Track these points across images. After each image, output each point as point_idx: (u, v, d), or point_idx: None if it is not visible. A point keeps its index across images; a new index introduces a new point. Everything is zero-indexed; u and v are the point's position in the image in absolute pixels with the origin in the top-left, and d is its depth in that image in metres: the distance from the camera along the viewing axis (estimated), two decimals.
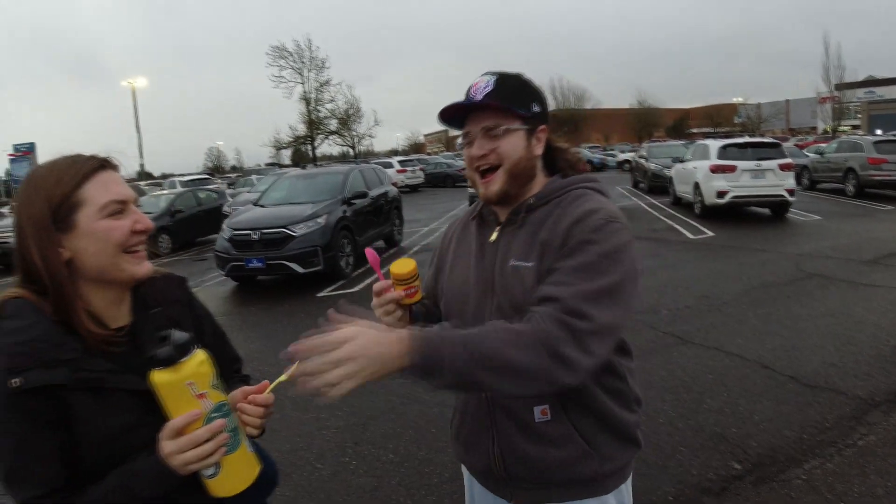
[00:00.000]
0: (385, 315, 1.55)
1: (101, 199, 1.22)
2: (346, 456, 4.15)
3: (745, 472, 3.63)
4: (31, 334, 1.15)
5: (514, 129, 1.48)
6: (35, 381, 1.11)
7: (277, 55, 48.43)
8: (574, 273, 1.33)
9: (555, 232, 1.42)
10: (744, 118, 77.38)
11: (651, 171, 21.39)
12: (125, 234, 1.24)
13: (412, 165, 34.66)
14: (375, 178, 12.96)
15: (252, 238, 9.59)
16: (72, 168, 1.23)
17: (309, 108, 49.76)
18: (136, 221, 1.26)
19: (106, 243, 1.22)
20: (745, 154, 13.67)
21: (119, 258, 1.24)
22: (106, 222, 1.22)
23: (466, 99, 1.49)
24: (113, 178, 1.26)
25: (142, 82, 46.37)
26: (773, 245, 10.65)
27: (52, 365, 1.13)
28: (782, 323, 6.37)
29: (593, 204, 1.44)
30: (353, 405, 4.92)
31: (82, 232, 1.21)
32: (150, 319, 1.33)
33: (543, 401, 1.47)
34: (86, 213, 1.21)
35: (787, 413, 4.33)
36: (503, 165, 1.48)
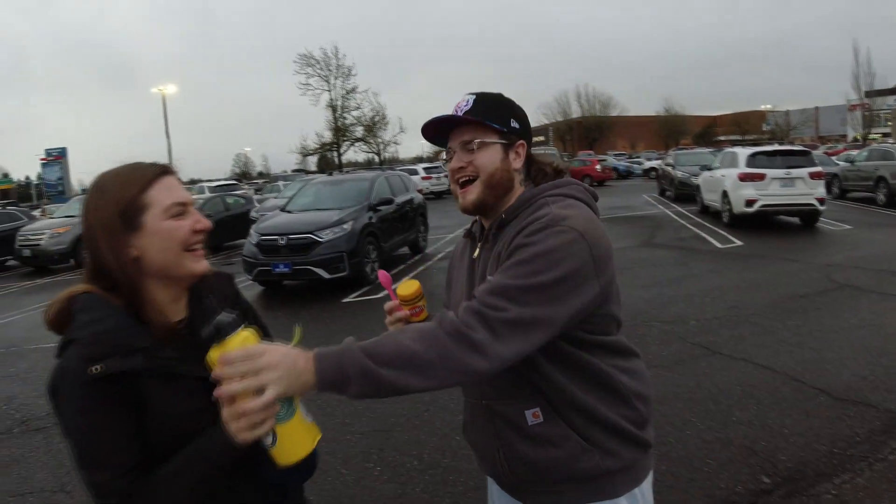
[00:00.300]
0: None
1: (165, 201, 1.32)
2: (371, 462, 4.18)
3: (774, 486, 3.58)
4: (106, 325, 1.25)
5: (489, 143, 1.56)
6: (113, 367, 1.20)
7: (304, 63, 49.08)
8: (503, 272, 1.37)
9: (507, 243, 1.48)
10: (772, 125, 76.49)
11: (678, 178, 21.22)
12: (187, 233, 1.34)
13: (437, 172, 34.67)
14: (401, 184, 13.03)
15: (279, 243, 9.71)
16: (136, 173, 1.33)
17: (335, 115, 50.26)
18: (196, 221, 1.36)
19: (170, 241, 1.32)
20: (774, 162, 13.49)
21: (181, 256, 1.33)
22: (170, 223, 1.32)
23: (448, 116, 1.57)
24: (174, 183, 1.36)
25: (172, 89, 47.19)
26: (803, 255, 10.50)
27: (128, 353, 1.23)
28: (812, 335, 6.26)
29: (543, 210, 1.47)
30: (377, 411, 4.95)
31: (149, 231, 1.31)
32: (205, 313, 1.40)
33: (531, 404, 1.51)
34: (152, 214, 1.31)
35: (817, 426, 4.26)
36: (480, 177, 1.56)
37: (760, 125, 79.93)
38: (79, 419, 1.21)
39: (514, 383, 1.51)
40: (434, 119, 1.58)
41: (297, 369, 1.20)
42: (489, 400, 1.58)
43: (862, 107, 56.82)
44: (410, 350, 1.26)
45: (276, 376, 1.17)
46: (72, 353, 1.22)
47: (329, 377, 1.22)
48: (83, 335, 1.22)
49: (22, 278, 15.53)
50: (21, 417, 5.60)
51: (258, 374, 1.16)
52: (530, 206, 1.55)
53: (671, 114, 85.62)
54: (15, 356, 7.84)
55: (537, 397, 1.50)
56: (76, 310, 1.27)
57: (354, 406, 5.04)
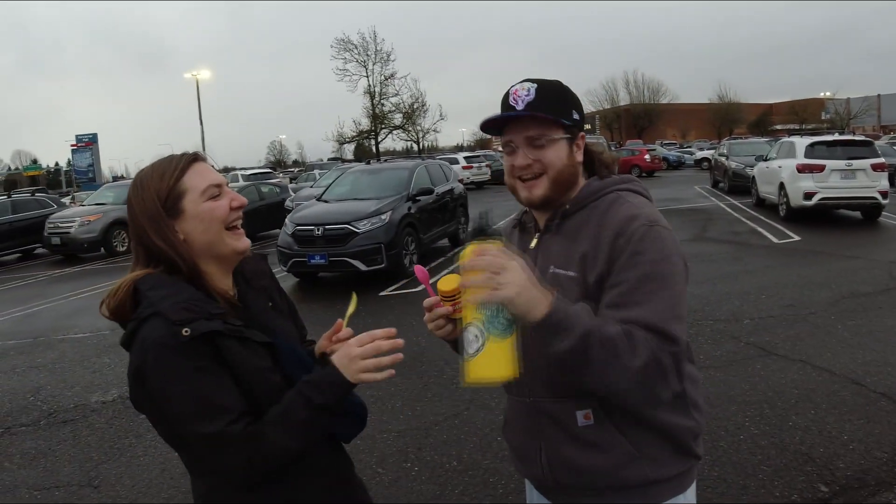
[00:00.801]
0: (436, 329, 1.59)
1: (201, 185, 1.44)
2: (409, 461, 4.18)
3: (831, 494, 3.49)
4: (183, 296, 1.36)
5: (557, 139, 1.53)
6: (201, 328, 1.31)
7: (342, 48, 49.12)
8: (640, 290, 1.39)
9: (596, 243, 1.47)
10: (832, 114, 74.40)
11: (732, 169, 20.82)
12: (226, 211, 1.45)
13: (478, 162, 34.62)
14: (441, 174, 13.02)
15: (315, 234, 9.78)
16: (171, 164, 1.45)
17: (373, 101, 50.26)
18: (232, 199, 1.47)
19: (211, 221, 1.44)
20: (834, 153, 13.11)
21: (223, 234, 1.45)
22: (208, 203, 1.44)
23: (506, 107, 1.55)
24: (206, 168, 1.48)
25: (206, 74, 48.00)
26: (865, 251, 10.22)
27: (209, 317, 1.35)
28: (874, 335, 6.09)
29: (630, 209, 1.49)
30: (415, 409, 4.97)
31: (190, 215, 1.43)
32: (252, 289, 1.56)
33: (585, 404, 1.50)
34: (190, 199, 1.43)
35: (878, 433, 4.15)
36: (547, 174, 1.55)
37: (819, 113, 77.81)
38: (180, 381, 1.30)
39: (570, 382, 1.48)
40: (495, 117, 1.54)
41: (535, 293, 1.30)
42: (538, 398, 1.57)
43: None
44: (620, 344, 1.32)
45: (515, 282, 1.27)
46: (156, 323, 1.31)
47: (556, 319, 1.30)
48: (165, 306, 1.33)
49: (50, 266, 15.78)
50: (48, 409, 5.70)
51: (502, 274, 1.27)
52: (599, 198, 1.56)
53: (725, 101, 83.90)
54: (43, 346, 8.00)
55: (591, 397, 1.48)
56: (146, 289, 1.37)
57: (391, 404, 5.08)
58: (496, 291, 1.27)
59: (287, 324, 1.61)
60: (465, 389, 5.24)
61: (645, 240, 1.42)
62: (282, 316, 1.61)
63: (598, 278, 1.45)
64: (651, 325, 1.36)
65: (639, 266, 1.41)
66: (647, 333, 1.35)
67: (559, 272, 1.52)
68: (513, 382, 1.59)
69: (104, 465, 4.48)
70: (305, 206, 11.32)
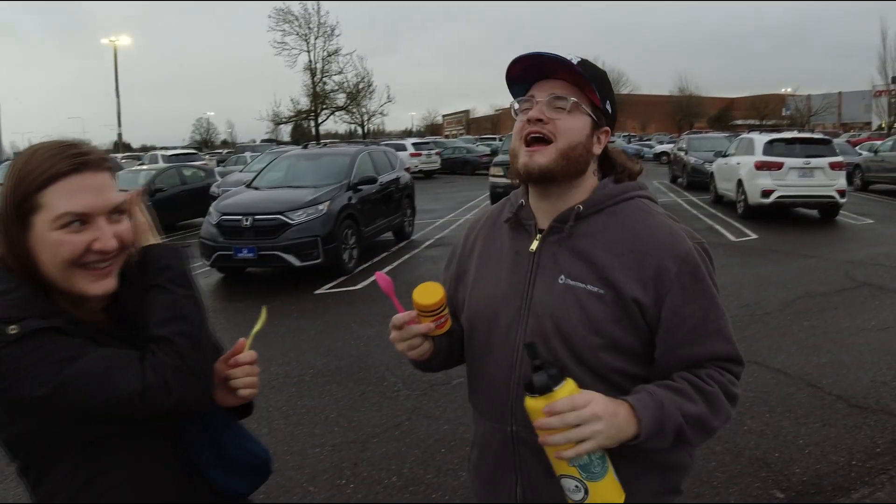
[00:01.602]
0: (409, 350, 1.50)
1: (58, 209, 1.22)
2: (343, 478, 4.07)
3: (787, 501, 3.58)
4: (18, 294, 1.21)
5: (582, 111, 1.45)
6: (32, 326, 1.16)
7: (281, 19, 48.03)
8: (708, 319, 1.42)
9: (634, 260, 1.40)
10: (792, 110, 76.97)
11: (691, 165, 21.34)
12: (77, 252, 1.23)
13: (428, 149, 34.28)
14: (386, 161, 12.90)
15: (243, 224, 9.47)
16: (44, 164, 1.23)
17: (314, 79, 49.33)
18: (94, 240, 1.25)
19: (55, 256, 1.23)
20: (792, 150, 13.57)
21: (69, 273, 1.24)
22: (57, 234, 1.22)
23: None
24: (86, 185, 1.25)
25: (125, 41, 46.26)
26: (822, 250, 10.58)
27: (46, 315, 1.19)
28: (830, 336, 6.30)
29: (669, 225, 1.46)
30: (352, 420, 4.88)
31: (36, 237, 1.23)
32: (132, 291, 1.36)
33: None
34: (41, 219, 1.23)
35: (834, 436, 4.28)
36: (556, 142, 1.43)
37: (780, 110, 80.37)
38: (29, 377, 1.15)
39: None
40: (534, 54, 1.44)
41: (619, 421, 1.28)
42: (522, 427, 1.44)
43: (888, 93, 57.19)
44: (706, 415, 1.37)
45: (599, 428, 1.24)
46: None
47: (650, 433, 1.30)
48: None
49: None
50: None
51: (583, 426, 1.23)
52: (617, 203, 1.49)
53: (686, 94, 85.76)
54: None
55: None
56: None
57: (325, 415, 4.99)
58: (584, 445, 1.24)
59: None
60: (406, 397, 5.20)
61: (700, 265, 1.42)
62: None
63: (638, 300, 1.39)
64: (724, 355, 1.43)
65: (704, 295, 1.41)
66: (720, 366, 1.42)
67: (576, 285, 1.42)
68: (490, 405, 1.53)
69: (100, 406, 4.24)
70: (233, 194, 11.04)
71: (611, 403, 1.28)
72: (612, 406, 1.28)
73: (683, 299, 1.39)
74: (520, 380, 1.41)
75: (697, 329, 1.40)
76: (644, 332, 1.41)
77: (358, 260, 10.39)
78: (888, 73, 55.55)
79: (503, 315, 1.50)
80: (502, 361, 1.49)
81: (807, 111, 75.59)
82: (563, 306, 1.42)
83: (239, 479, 1.46)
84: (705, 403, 1.36)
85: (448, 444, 4.40)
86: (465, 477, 3.79)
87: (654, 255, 1.40)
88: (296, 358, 6.17)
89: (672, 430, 1.32)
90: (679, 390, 1.36)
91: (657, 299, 1.39)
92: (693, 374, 1.40)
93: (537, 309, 1.45)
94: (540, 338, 1.42)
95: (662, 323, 1.40)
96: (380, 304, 7.72)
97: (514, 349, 1.46)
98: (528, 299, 1.47)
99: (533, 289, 1.47)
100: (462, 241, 1.73)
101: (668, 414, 1.31)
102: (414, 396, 5.21)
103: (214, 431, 1.42)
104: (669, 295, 1.39)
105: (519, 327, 1.47)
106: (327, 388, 5.45)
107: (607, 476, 1.30)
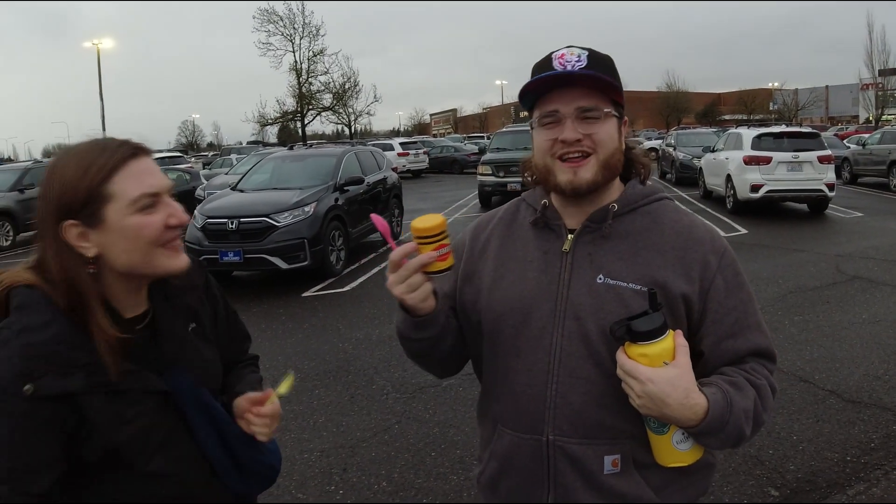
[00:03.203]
0: (409, 292, 1.35)
1: (132, 193, 1.24)
2: (332, 484, 4.03)
3: (782, 498, 3.57)
4: (44, 335, 1.18)
5: (610, 116, 1.41)
6: (48, 388, 1.15)
7: (265, 19, 47.80)
8: (748, 313, 1.45)
9: (677, 258, 1.42)
10: (780, 105, 77.30)
11: (679, 160, 21.44)
12: (158, 231, 1.27)
13: (416, 148, 34.32)
14: (373, 161, 12.86)
15: (228, 227, 9.40)
16: (102, 155, 1.24)
17: (299, 79, 49.22)
18: (169, 215, 1.29)
19: (137, 241, 1.25)
20: (781, 144, 13.64)
21: (152, 254, 1.27)
22: (137, 218, 1.25)
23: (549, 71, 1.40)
24: (145, 168, 1.28)
25: (108, 43, 45.93)
26: (811, 244, 10.62)
27: (67, 370, 1.17)
28: (822, 331, 6.31)
29: (705, 223, 1.53)
30: (340, 424, 4.84)
31: (111, 228, 1.24)
32: (170, 307, 1.39)
33: (616, 448, 1.40)
34: (115, 209, 1.23)
35: (828, 432, 4.28)
36: (597, 154, 1.40)
37: (767, 104, 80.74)
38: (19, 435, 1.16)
39: (606, 419, 1.40)
40: (548, 75, 1.38)
41: (690, 401, 1.28)
42: (560, 436, 1.41)
43: (875, 86, 57.49)
44: (759, 412, 1.39)
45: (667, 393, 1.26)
46: (3, 356, 1.16)
47: (710, 427, 1.30)
48: (17, 344, 1.16)
49: None
50: None
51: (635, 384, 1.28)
52: (650, 203, 1.50)
53: (673, 90, 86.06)
54: None
55: (624, 441, 1.40)
56: (14, 306, 1.21)
57: (313, 419, 4.94)
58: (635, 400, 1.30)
59: (208, 352, 1.46)
60: (395, 400, 5.16)
61: (736, 260, 1.47)
62: (204, 342, 1.46)
63: (686, 295, 1.40)
64: (765, 350, 1.46)
65: (742, 288, 1.45)
66: (762, 361, 1.46)
67: (618, 284, 1.39)
68: (519, 415, 1.46)
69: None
70: (218, 196, 10.96)
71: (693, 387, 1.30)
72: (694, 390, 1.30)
73: (726, 291, 1.43)
74: (558, 384, 1.39)
75: (740, 321, 1.43)
76: (685, 330, 1.39)
77: (345, 262, 10.35)
78: (875, 66, 55.92)
79: (534, 317, 1.44)
80: (536, 366, 1.42)
81: (794, 105, 75.86)
82: (606, 306, 1.38)
83: (250, 481, 1.52)
84: (758, 398, 1.39)
85: (438, 448, 4.36)
86: (468, 486, 3.76)
87: (697, 249, 1.43)
88: (283, 362, 6.11)
89: (731, 432, 1.33)
90: (738, 385, 1.38)
91: (702, 291, 1.41)
92: (742, 369, 1.42)
93: (577, 310, 1.40)
94: (581, 339, 1.39)
95: (708, 314, 1.42)
96: (368, 307, 7.69)
97: (549, 352, 1.41)
98: (564, 300, 1.42)
99: (568, 289, 1.42)
100: (468, 243, 1.64)
101: (732, 417, 1.32)
102: (403, 399, 5.16)
103: (229, 438, 1.46)
104: (714, 286, 1.42)
105: (555, 330, 1.41)
106: (315, 392, 5.40)
107: (664, 436, 1.34)
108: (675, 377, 1.27)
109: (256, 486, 1.56)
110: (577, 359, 1.39)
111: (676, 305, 1.39)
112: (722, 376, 1.39)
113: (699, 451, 1.38)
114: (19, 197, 16.13)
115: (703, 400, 1.29)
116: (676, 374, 1.27)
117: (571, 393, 1.39)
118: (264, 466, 1.55)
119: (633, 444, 1.40)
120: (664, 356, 1.28)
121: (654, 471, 1.40)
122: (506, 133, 19.88)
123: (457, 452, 4.21)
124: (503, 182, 16.16)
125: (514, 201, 1.64)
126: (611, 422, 1.39)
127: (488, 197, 16.66)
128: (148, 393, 1.28)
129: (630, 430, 1.39)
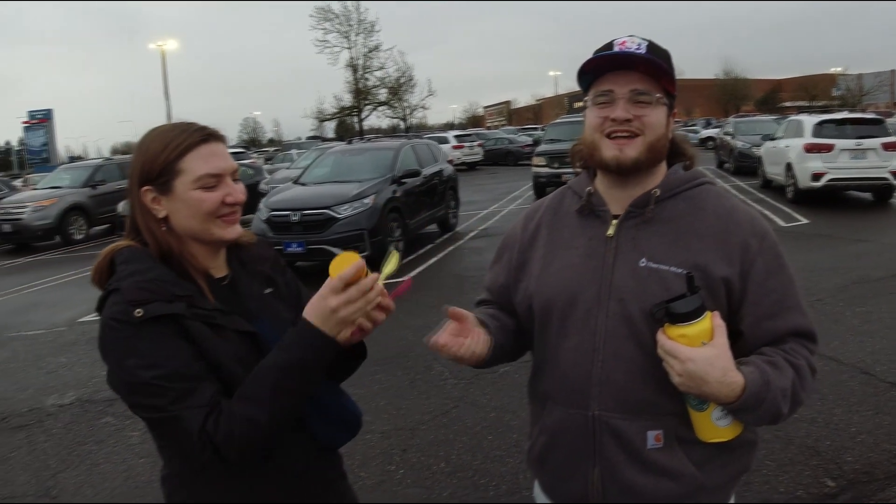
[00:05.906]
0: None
1: (197, 171, 1.43)
2: (393, 464, 4.15)
3: (839, 489, 3.53)
4: (148, 275, 1.38)
5: (662, 102, 1.48)
6: (155, 311, 1.33)
7: (322, 17, 48.71)
8: (788, 294, 1.48)
9: (720, 241, 1.46)
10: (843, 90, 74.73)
11: (737, 149, 20.89)
12: (215, 206, 1.45)
13: (470, 141, 34.36)
14: (429, 154, 12.98)
15: (291, 220, 9.68)
16: (179, 137, 1.44)
17: (356, 75, 49.89)
18: (227, 194, 1.46)
19: (197, 210, 1.44)
20: (843, 131, 13.21)
21: (208, 223, 1.45)
22: (197, 193, 1.43)
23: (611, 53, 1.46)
24: (214, 151, 1.47)
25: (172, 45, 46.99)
26: (875, 235, 10.31)
27: (170, 300, 1.36)
28: (884, 323, 6.16)
29: (746, 207, 1.55)
30: (400, 407, 4.97)
31: (178, 197, 1.44)
32: (247, 273, 1.59)
33: (657, 424, 1.46)
34: (182, 182, 1.43)
35: (887, 424, 4.20)
36: (644, 136, 1.46)
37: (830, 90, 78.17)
38: (136, 359, 1.32)
39: (649, 397, 1.45)
40: (606, 55, 1.46)
41: (727, 379, 1.33)
42: (605, 411, 1.47)
43: None
44: (797, 391, 1.42)
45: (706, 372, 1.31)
46: (115, 299, 1.36)
47: (747, 404, 1.35)
48: (126, 284, 1.36)
49: (1, 257, 15.32)
50: (0, 414, 5.57)
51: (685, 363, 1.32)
52: (693, 188, 1.54)
53: (731, 77, 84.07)
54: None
55: (666, 417, 1.46)
56: (119, 262, 1.42)
57: (375, 402, 5.07)
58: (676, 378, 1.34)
59: (288, 311, 1.59)
60: (453, 386, 5.25)
61: (778, 243, 1.50)
62: (283, 303, 1.61)
63: (727, 278, 1.44)
64: (805, 330, 1.48)
65: (783, 271, 1.48)
66: (801, 341, 1.47)
67: (659, 267, 1.44)
68: (567, 391, 1.53)
69: (62, 473, 4.41)
70: (281, 190, 11.25)
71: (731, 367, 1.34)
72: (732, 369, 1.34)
73: (767, 273, 1.46)
74: (603, 363, 1.46)
75: (780, 302, 1.45)
76: (725, 312, 1.43)
77: (404, 252, 10.47)
78: None
79: (581, 300, 1.51)
80: (582, 346, 1.50)
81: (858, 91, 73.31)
82: (649, 289, 1.44)
83: (335, 431, 1.63)
84: (796, 377, 1.41)
85: (495, 431, 4.44)
86: (523, 469, 3.81)
87: (737, 232, 1.47)
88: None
89: (767, 410, 1.36)
90: (776, 364, 1.40)
91: (742, 274, 1.45)
92: (781, 349, 1.45)
93: (621, 293, 1.47)
94: (624, 320, 1.45)
95: (748, 296, 1.45)
96: (426, 296, 7.79)
97: (595, 333, 1.48)
98: (608, 283, 1.49)
99: (612, 273, 1.49)
100: (519, 232, 1.73)
101: (770, 395, 1.36)
102: (461, 385, 5.26)
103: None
104: (754, 268, 1.45)
105: (599, 312, 1.48)
106: (376, 377, 5.53)
107: (703, 413, 1.40)
108: (713, 356, 1.32)
109: (339, 434, 1.64)
110: (620, 339, 1.46)
111: (717, 288, 1.43)
112: (761, 356, 1.42)
113: (738, 428, 1.43)
114: (91, 192, 16.69)
115: (740, 378, 1.33)
116: (714, 354, 1.32)
117: (616, 371, 1.45)
118: (348, 413, 1.65)
119: (675, 420, 1.45)
120: (702, 336, 1.34)
121: (695, 447, 1.44)
122: (560, 124, 19.70)
123: (513, 437, 4.27)
124: (557, 173, 15.99)
125: (559, 190, 1.72)
126: (653, 399, 1.44)
127: (543, 188, 16.48)
128: (239, 332, 1.44)
129: (672, 407, 1.44)
